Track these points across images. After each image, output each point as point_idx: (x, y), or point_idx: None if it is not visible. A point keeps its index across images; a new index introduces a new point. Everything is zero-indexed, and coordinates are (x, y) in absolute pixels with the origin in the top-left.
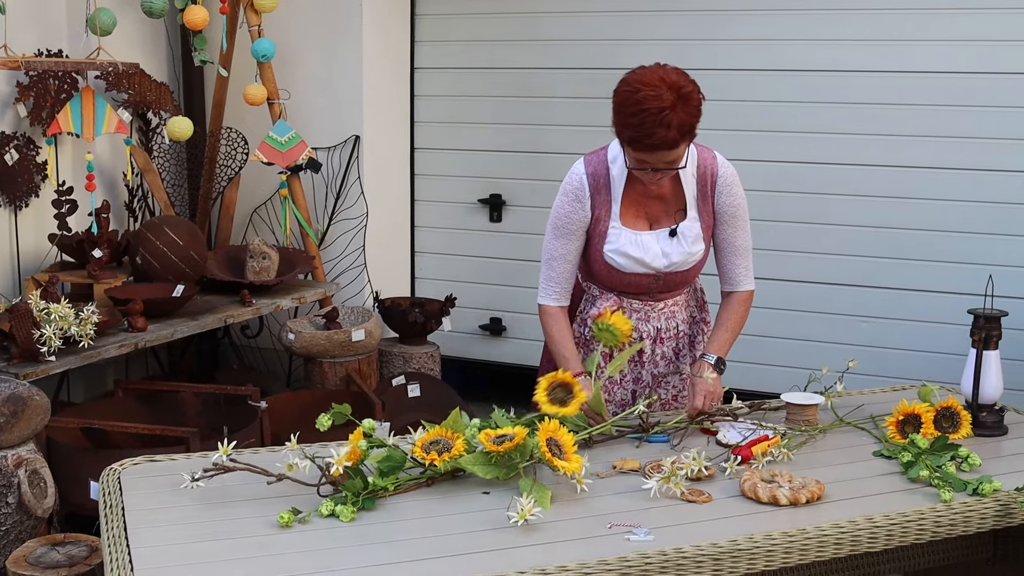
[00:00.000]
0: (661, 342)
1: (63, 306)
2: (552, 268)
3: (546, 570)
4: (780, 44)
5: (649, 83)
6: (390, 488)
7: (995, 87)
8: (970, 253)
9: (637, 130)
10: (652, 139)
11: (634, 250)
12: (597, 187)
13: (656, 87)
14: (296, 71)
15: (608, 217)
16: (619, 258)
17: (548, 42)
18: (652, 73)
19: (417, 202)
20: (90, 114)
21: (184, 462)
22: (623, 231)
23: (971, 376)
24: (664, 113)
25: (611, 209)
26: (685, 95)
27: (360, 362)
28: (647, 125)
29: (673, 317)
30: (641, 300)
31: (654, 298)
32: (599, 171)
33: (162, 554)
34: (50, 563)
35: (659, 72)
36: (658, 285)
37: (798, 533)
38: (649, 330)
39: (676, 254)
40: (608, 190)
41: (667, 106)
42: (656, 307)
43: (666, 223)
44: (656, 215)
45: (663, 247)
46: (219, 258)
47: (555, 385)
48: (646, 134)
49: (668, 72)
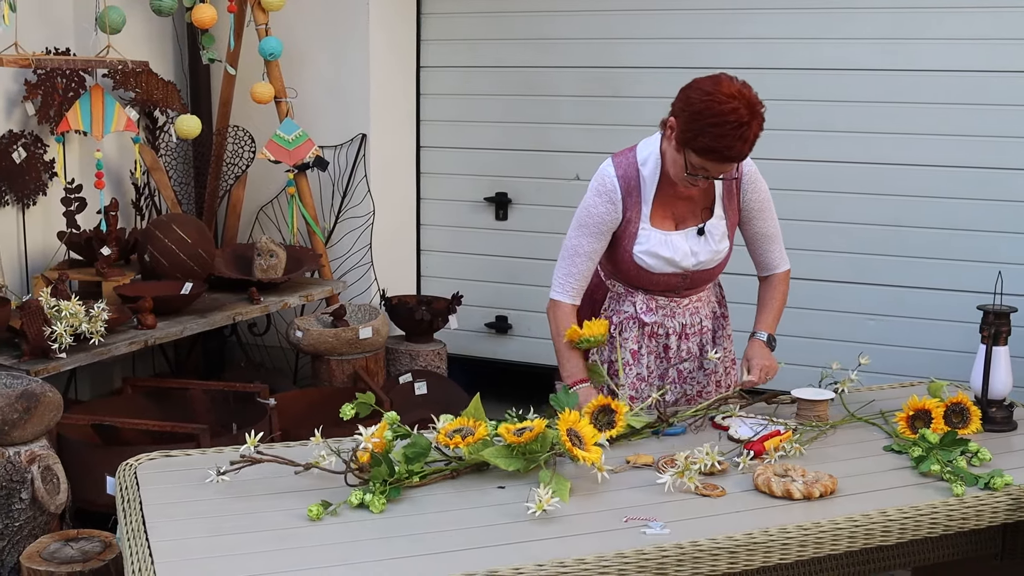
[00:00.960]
0: (686, 338)
1: (74, 303)
2: (574, 264)
3: (565, 563)
4: (785, 43)
5: (729, 95)
6: (416, 475)
7: (1002, 85)
8: (977, 251)
9: (717, 141)
10: (731, 152)
11: (664, 250)
12: (628, 189)
13: (735, 100)
14: (303, 70)
15: (638, 219)
16: (649, 259)
17: (554, 40)
18: (728, 85)
19: (423, 200)
20: (99, 112)
21: (200, 457)
22: (653, 232)
23: (981, 372)
24: (743, 128)
25: (641, 211)
26: (757, 112)
27: (367, 360)
28: (728, 138)
29: (697, 313)
30: (667, 297)
31: (680, 295)
32: (629, 173)
33: (182, 547)
34: (64, 559)
35: (734, 83)
36: (685, 283)
37: (812, 527)
38: (675, 326)
39: (704, 252)
40: (639, 192)
41: (746, 121)
42: (681, 303)
43: (692, 222)
44: (682, 215)
45: (691, 246)
46: (227, 256)
47: (598, 411)
48: (726, 146)
49: (741, 85)
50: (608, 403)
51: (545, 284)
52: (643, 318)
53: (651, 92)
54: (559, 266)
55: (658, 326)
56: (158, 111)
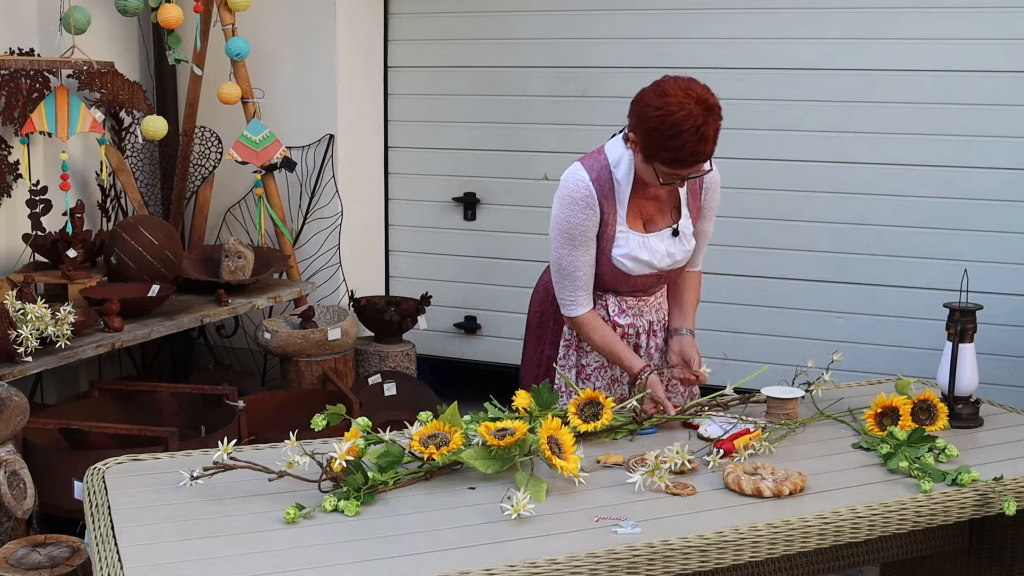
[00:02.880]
0: (654, 334)
1: (39, 306)
2: (576, 279)
3: (536, 563)
4: (755, 42)
5: (678, 103)
6: (390, 483)
7: (966, 85)
8: (942, 249)
9: (679, 152)
10: (695, 156)
11: (643, 253)
12: (603, 192)
13: (685, 104)
14: (270, 70)
15: (615, 221)
16: (628, 262)
17: (522, 40)
18: (674, 90)
19: (391, 201)
20: (64, 113)
21: (168, 461)
22: (631, 234)
23: (947, 369)
24: (701, 130)
25: (617, 213)
26: (710, 105)
27: (336, 361)
28: (688, 146)
29: (660, 308)
30: (636, 297)
31: (648, 293)
32: (603, 176)
33: (152, 552)
34: (31, 564)
35: (679, 86)
36: (658, 283)
37: (782, 524)
38: (643, 324)
39: (679, 252)
40: (613, 195)
41: (701, 122)
42: (648, 301)
43: (661, 223)
44: (651, 215)
45: (667, 247)
46: (194, 258)
47: (584, 403)
48: (689, 153)
49: (687, 85)
50: (595, 396)
51: (514, 284)
52: (617, 320)
53: (620, 92)
54: (560, 285)
55: (629, 327)
56: (124, 112)
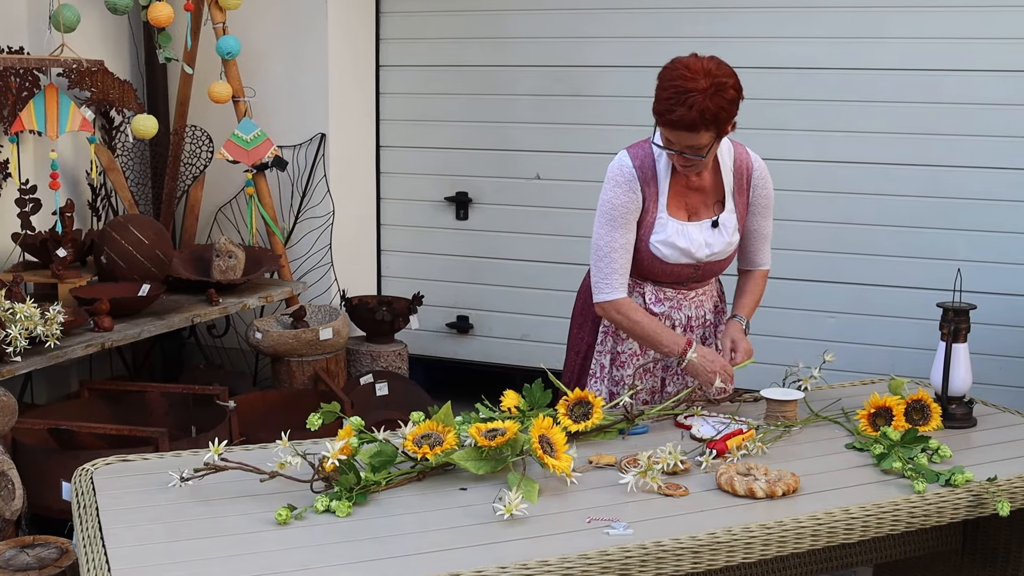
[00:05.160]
0: (691, 330)
1: (29, 306)
2: (613, 260)
3: (528, 564)
4: (744, 41)
5: (689, 66)
6: (382, 483)
7: (957, 84)
8: (932, 248)
9: (663, 104)
10: (672, 115)
11: (681, 240)
12: (646, 178)
13: (694, 70)
14: (261, 69)
15: (656, 208)
16: (665, 248)
17: (514, 39)
18: (699, 60)
19: (383, 200)
20: (54, 112)
21: (158, 462)
22: (670, 221)
23: (941, 369)
24: (691, 95)
25: (659, 200)
26: (719, 84)
27: (328, 361)
28: (670, 101)
29: (702, 306)
30: (675, 289)
31: (687, 287)
32: (646, 163)
33: (140, 553)
34: (20, 566)
35: (705, 61)
36: (696, 275)
37: (776, 525)
38: (680, 318)
39: (718, 244)
40: (655, 181)
41: (695, 89)
42: (688, 296)
43: (704, 214)
44: (695, 206)
45: (706, 237)
46: (185, 257)
47: (574, 403)
48: (668, 109)
49: (713, 63)
50: (585, 396)
51: (506, 284)
52: (652, 308)
53: (611, 91)
54: (596, 268)
55: (665, 317)
56: (114, 111)
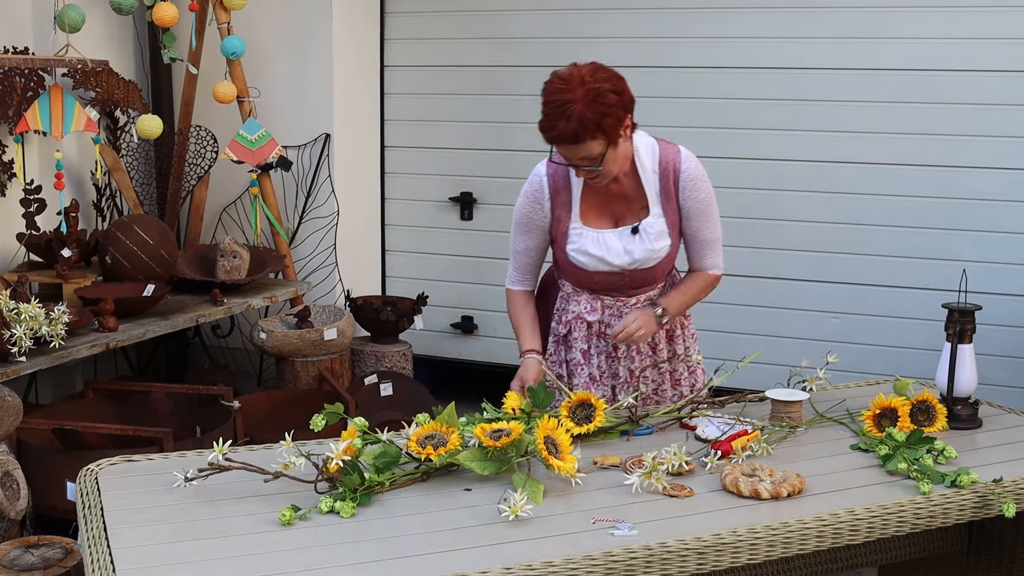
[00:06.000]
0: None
1: (34, 306)
2: (516, 259)
3: (532, 565)
4: (747, 41)
5: (564, 77)
6: (386, 484)
7: (961, 84)
8: (937, 249)
9: (545, 121)
10: (554, 131)
11: (595, 248)
12: (557, 188)
13: (569, 81)
14: (266, 69)
15: (569, 217)
16: (582, 257)
17: (519, 39)
18: (576, 69)
19: (388, 200)
20: (59, 112)
21: (162, 462)
22: (585, 230)
23: (946, 370)
24: (568, 106)
25: (572, 209)
26: (595, 91)
27: (332, 361)
28: (551, 116)
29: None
30: (612, 296)
31: (625, 294)
32: (559, 172)
33: (145, 554)
34: (24, 566)
35: (582, 69)
36: (624, 282)
37: (780, 526)
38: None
39: (639, 251)
40: (568, 190)
41: (571, 99)
42: (628, 303)
43: (629, 220)
44: (621, 213)
45: (625, 244)
46: (189, 257)
47: (576, 405)
48: (550, 125)
49: (591, 70)
50: (587, 398)
51: None
52: (586, 317)
53: None
54: (510, 260)
55: (604, 325)
56: (119, 111)
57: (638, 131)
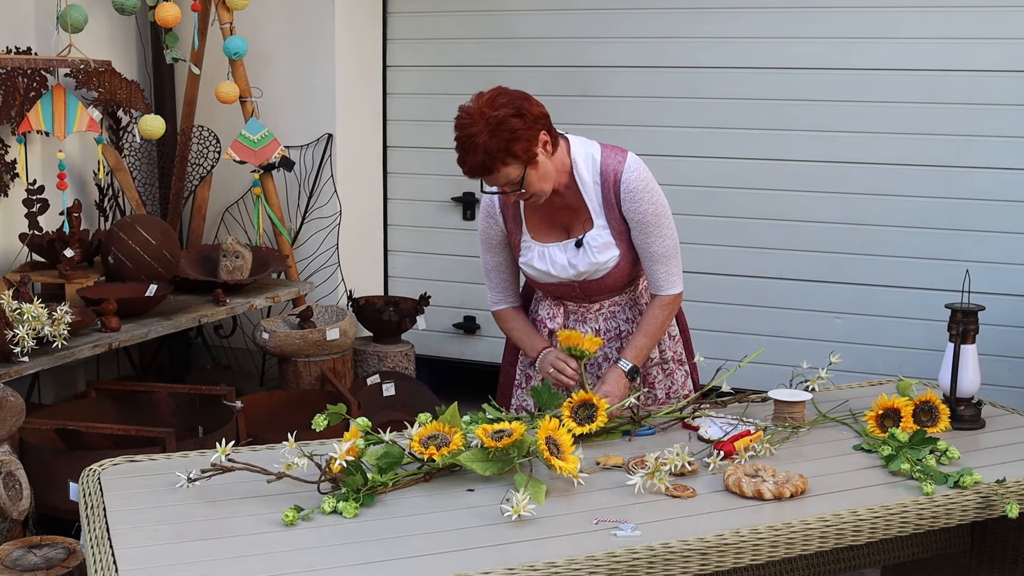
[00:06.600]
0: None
1: (36, 306)
2: (490, 278)
3: (535, 566)
4: (750, 42)
5: (467, 111)
6: (389, 484)
7: (965, 84)
8: (940, 249)
9: (458, 157)
10: (465, 166)
11: (540, 263)
12: (505, 203)
13: (471, 115)
14: (268, 69)
15: (519, 231)
16: (529, 270)
17: (521, 39)
18: (478, 100)
19: (390, 200)
20: (61, 112)
21: (165, 462)
22: (533, 244)
23: (949, 370)
24: (472, 139)
25: (521, 223)
26: (495, 120)
27: (335, 361)
28: (460, 152)
29: (613, 318)
30: (575, 303)
31: (589, 300)
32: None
33: (147, 554)
34: (27, 566)
35: (483, 100)
36: (577, 292)
37: (783, 527)
38: (587, 331)
39: (583, 264)
40: (517, 205)
41: (474, 133)
42: (591, 308)
43: (579, 232)
44: (569, 224)
45: (570, 258)
46: (192, 257)
47: (578, 406)
48: (461, 160)
49: (490, 99)
50: (589, 398)
51: None
52: (547, 324)
53: (621, 91)
54: (485, 283)
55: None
56: (121, 111)
57: (580, 139)
